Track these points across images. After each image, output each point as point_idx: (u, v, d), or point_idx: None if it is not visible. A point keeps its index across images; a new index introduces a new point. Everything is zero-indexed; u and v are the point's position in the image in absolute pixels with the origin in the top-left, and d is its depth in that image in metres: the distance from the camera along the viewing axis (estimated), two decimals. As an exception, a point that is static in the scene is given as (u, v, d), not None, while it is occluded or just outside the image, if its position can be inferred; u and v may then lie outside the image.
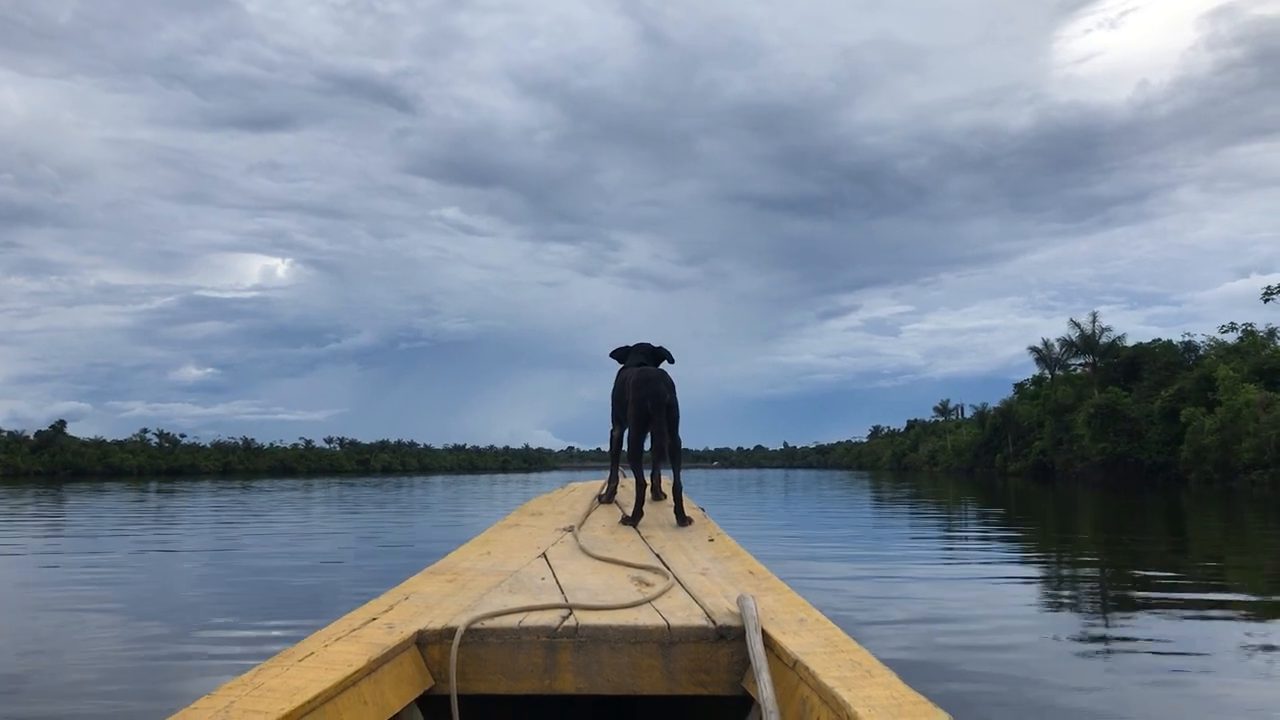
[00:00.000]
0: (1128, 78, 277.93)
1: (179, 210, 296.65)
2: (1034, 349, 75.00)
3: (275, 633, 6.24)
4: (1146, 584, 8.99)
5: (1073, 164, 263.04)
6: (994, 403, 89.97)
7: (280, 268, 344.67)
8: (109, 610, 7.36)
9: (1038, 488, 42.62)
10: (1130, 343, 64.85)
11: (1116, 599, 8.18)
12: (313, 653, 1.86)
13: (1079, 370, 70.61)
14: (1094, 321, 68.41)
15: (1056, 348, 72.89)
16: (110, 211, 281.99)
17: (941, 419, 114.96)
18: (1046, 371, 75.60)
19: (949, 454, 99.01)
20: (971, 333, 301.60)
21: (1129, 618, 7.03)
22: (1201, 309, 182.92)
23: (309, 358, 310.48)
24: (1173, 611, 7.16)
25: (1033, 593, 8.73)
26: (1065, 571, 10.51)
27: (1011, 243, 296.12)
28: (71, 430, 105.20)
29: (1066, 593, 8.77)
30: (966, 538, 15.11)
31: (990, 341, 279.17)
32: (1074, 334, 69.16)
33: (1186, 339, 60.82)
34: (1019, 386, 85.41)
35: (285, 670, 1.75)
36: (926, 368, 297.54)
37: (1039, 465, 66.29)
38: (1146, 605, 7.56)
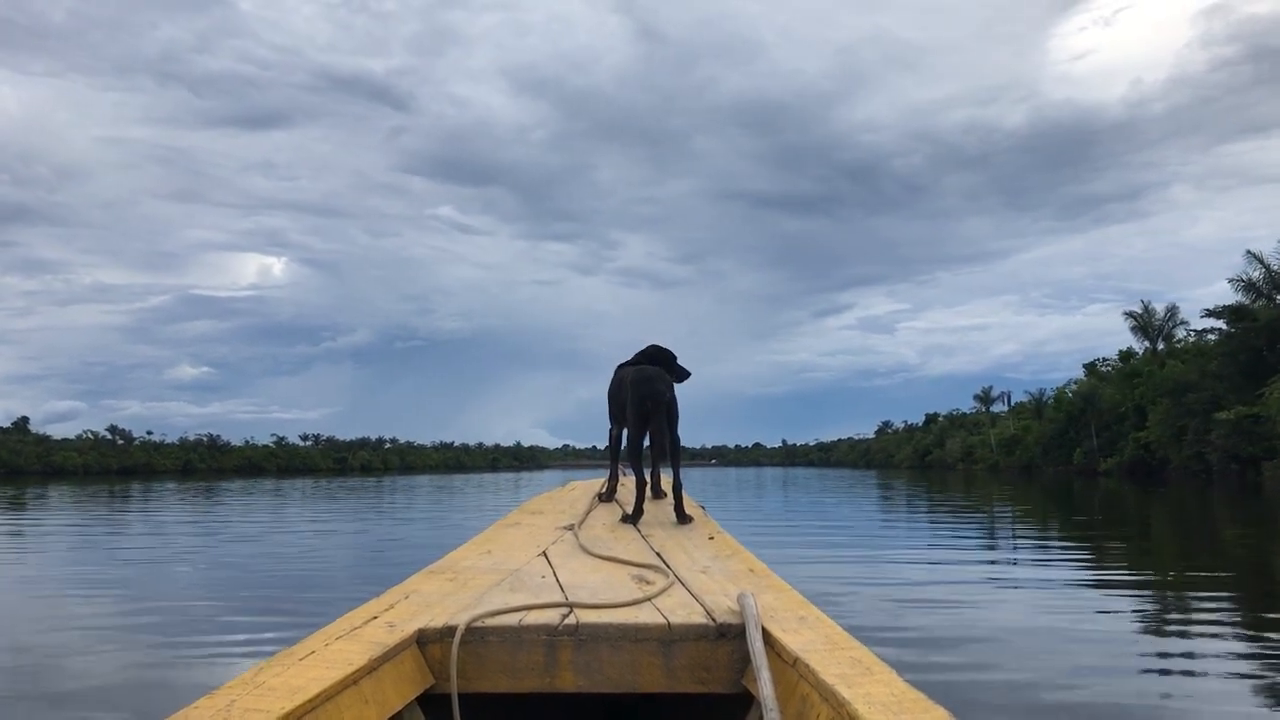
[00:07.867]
0: (1122, 76, 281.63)
1: (174, 209, 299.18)
2: (1130, 314, 60.50)
3: (276, 632, 6.42)
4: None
5: (1067, 162, 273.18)
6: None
7: (276, 266, 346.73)
8: (105, 613, 7.58)
9: (1172, 496, 30.77)
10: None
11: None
12: (313, 651, 1.98)
13: (1183, 341, 54.93)
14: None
15: (1160, 312, 57.24)
16: (105, 210, 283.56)
17: (982, 409, 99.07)
18: (1139, 345, 60.25)
19: (990, 450, 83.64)
20: (965, 330, 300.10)
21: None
22: (1196, 307, 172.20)
23: (305, 356, 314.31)
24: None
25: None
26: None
27: (1006, 240, 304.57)
28: (65, 430, 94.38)
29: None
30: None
31: (985, 340, 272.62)
32: (1256, 271, 46.97)
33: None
34: (1090, 366, 70.06)
35: (286, 669, 1.84)
36: (922, 365, 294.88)
37: (1138, 462, 52.08)
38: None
